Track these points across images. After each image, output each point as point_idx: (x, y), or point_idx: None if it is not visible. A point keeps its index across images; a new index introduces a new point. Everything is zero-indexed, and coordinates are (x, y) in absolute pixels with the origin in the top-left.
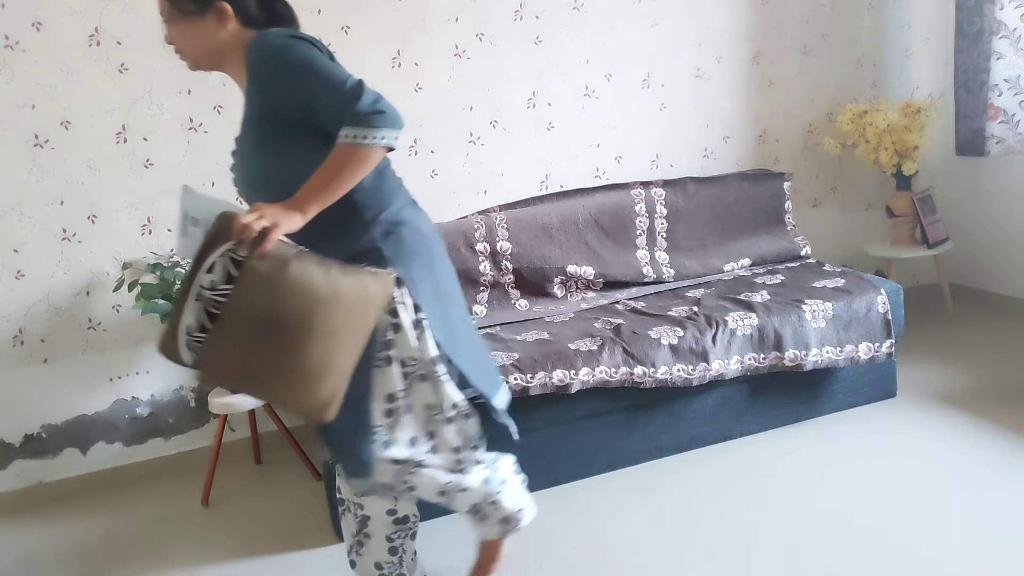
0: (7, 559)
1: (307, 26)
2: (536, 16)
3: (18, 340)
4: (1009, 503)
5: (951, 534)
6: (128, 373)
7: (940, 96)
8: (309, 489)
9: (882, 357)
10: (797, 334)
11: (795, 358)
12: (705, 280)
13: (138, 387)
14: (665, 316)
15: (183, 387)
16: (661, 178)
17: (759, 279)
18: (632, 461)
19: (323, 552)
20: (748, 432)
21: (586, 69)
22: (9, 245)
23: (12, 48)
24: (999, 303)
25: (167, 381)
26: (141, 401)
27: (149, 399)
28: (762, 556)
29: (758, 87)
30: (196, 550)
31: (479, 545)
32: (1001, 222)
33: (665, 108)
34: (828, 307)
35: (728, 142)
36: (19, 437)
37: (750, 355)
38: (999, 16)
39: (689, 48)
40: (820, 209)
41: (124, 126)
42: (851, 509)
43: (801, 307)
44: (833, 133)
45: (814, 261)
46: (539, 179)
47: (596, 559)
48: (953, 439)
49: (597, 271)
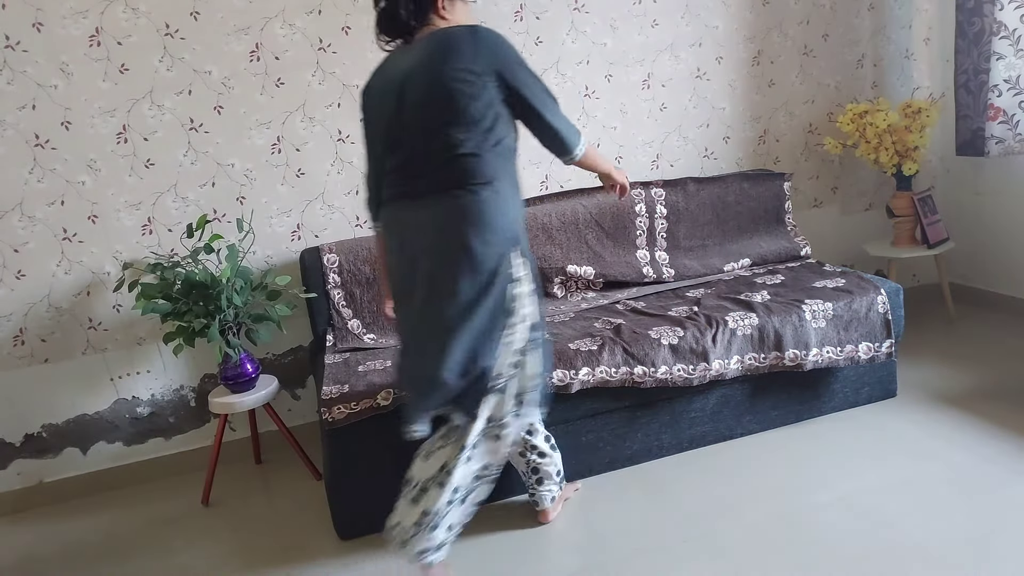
0: (7, 559)
1: (307, 26)
2: (536, 16)
3: (19, 340)
4: (1009, 503)
5: (951, 534)
6: (128, 373)
7: (940, 96)
8: (309, 489)
9: (882, 357)
10: (797, 334)
11: (795, 358)
12: (705, 280)
13: (138, 387)
14: (665, 316)
15: (183, 387)
16: (661, 178)
17: (759, 279)
18: (632, 461)
19: (323, 552)
20: (748, 432)
21: (586, 69)
22: (9, 245)
23: (13, 48)
24: (999, 303)
25: (167, 381)
26: (141, 401)
27: (149, 399)
28: (762, 556)
29: (758, 87)
30: (196, 550)
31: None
32: (1001, 222)
33: (665, 108)
34: (828, 307)
35: (728, 142)
36: (19, 437)
37: (750, 355)
38: (999, 16)
39: (689, 48)
40: (820, 209)
41: (125, 126)
42: (851, 508)
43: (801, 307)
44: (833, 133)
45: (814, 261)
46: (539, 179)
47: (596, 559)
48: (953, 439)
49: (597, 271)
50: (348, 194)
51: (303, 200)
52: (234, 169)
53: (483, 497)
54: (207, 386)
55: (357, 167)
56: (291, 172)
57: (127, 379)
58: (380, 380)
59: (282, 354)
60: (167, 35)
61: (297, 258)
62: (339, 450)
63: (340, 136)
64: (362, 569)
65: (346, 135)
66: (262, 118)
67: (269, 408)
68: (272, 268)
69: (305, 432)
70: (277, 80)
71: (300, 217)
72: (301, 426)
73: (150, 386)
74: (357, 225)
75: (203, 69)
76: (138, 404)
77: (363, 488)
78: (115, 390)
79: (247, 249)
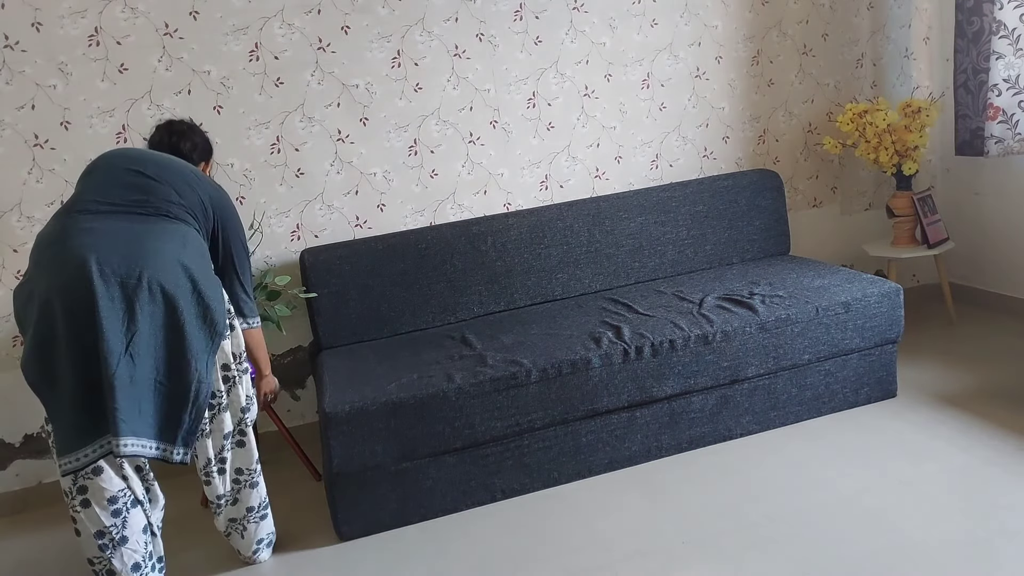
0: (7, 559)
1: (307, 26)
2: (536, 16)
3: (18, 340)
4: (1009, 503)
5: (951, 534)
6: None
7: (940, 96)
8: (309, 489)
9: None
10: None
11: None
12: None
13: None
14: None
15: None
16: (660, 178)
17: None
18: (631, 461)
19: (323, 552)
20: (748, 432)
21: (586, 69)
22: (9, 245)
23: (12, 48)
24: (999, 303)
25: None
26: None
27: None
28: (762, 556)
29: (757, 87)
30: (196, 550)
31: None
32: (1001, 222)
33: (664, 108)
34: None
35: (728, 142)
36: (19, 437)
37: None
38: (999, 16)
39: (688, 48)
40: (820, 209)
41: (124, 126)
42: (851, 509)
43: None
44: (833, 133)
45: (814, 261)
46: (539, 179)
47: (596, 559)
48: (953, 440)
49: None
50: (347, 194)
51: (302, 200)
52: (233, 169)
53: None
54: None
55: (357, 167)
56: (290, 172)
57: None
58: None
59: (282, 354)
60: (166, 35)
61: (296, 258)
62: (339, 450)
63: (340, 136)
64: (362, 569)
65: (345, 135)
66: (261, 118)
67: (269, 409)
68: (271, 268)
69: (305, 432)
70: (276, 80)
71: (299, 217)
72: (301, 426)
73: None
74: (357, 225)
75: (202, 69)
76: None
77: (363, 488)
78: None
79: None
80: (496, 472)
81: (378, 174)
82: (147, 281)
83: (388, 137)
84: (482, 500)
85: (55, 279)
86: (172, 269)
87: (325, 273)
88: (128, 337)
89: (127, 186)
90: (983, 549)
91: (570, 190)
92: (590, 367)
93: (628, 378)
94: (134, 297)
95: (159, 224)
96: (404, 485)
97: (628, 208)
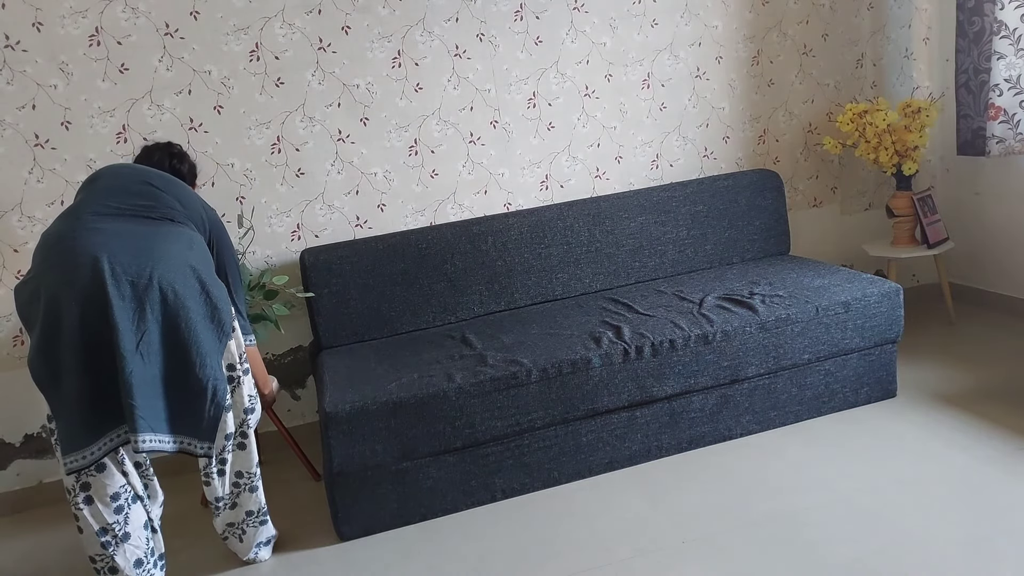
0: (7, 559)
1: (307, 26)
2: (536, 16)
3: (18, 340)
4: (1009, 503)
5: (951, 534)
6: None
7: (940, 96)
8: (309, 489)
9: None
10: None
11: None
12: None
13: None
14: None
15: None
16: (661, 178)
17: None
18: (632, 461)
19: (323, 552)
20: (748, 432)
21: (586, 69)
22: (9, 245)
23: (12, 48)
24: (999, 303)
25: None
26: None
27: None
28: (762, 556)
29: (758, 87)
30: (196, 550)
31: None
32: (1001, 222)
33: (665, 108)
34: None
35: (728, 142)
36: (19, 437)
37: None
38: (999, 16)
39: (689, 48)
40: (820, 209)
41: (124, 126)
42: (851, 509)
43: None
44: (833, 133)
45: (814, 261)
46: (539, 179)
47: (596, 559)
48: (952, 439)
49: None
50: (348, 194)
51: (303, 200)
52: (233, 169)
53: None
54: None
55: (357, 167)
56: (291, 172)
57: None
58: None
59: (282, 354)
60: (167, 35)
61: (297, 258)
62: (339, 450)
63: (340, 136)
64: (362, 569)
65: (346, 135)
66: (261, 118)
67: (270, 409)
68: (271, 268)
69: (305, 432)
70: (277, 80)
71: (300, 217)
72: (300, 426)
73: None
74: (357, 225)
75: (203, 69)
76: None
77: (363, 488)
78: None
79: (246, 248)
80: (496, 472)
81: (379, 174)
82: (157, 281)
83: (389, 137)
84: (482, 500)
85: (65, 276)
86: (181, 270)
87: (325, 273)
88: (138, 336)
89: (134, 193)
90: (983, 549)
91: (570, 190)
92: (590, 367)
93: (628, 378)
94: (144, 297)
95: (165, 227)
96: (404, 485)
97: (628, 208)
